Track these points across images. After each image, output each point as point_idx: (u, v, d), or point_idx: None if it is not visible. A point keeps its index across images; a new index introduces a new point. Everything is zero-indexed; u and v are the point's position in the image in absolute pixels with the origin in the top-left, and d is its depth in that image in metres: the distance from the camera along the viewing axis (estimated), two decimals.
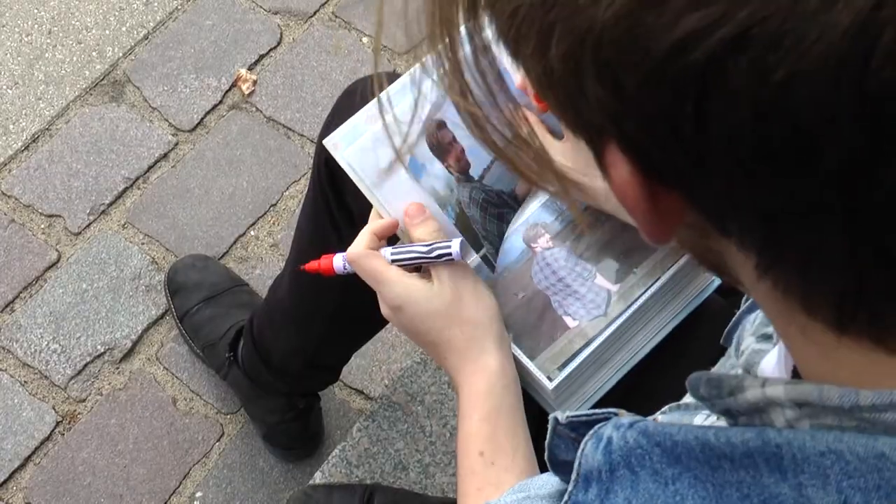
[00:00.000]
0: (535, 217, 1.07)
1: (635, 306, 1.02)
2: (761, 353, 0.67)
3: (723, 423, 0.63)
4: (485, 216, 1.07)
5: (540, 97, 0.46)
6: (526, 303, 1.03)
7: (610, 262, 1.04)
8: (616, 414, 0.67)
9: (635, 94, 0.40)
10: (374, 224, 1.03)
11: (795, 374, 0.55)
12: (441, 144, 1.08)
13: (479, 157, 1.07)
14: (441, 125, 1.08)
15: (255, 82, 2.17)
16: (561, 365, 1.00)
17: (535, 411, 1.01)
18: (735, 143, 0.39)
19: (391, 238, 1.06)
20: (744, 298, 0.88)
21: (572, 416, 0.73)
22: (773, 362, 0.61)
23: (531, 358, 1.01)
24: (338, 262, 1.06)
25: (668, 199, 0.44)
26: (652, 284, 1.03)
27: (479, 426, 0.94)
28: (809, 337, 0.47)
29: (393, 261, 0.99)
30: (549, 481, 0.84)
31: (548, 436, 0.76)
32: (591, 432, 0.60)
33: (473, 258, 1.03)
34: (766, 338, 0.69)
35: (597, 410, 0.69)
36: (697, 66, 0.38)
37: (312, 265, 1.09)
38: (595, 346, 1.01)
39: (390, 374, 1.87)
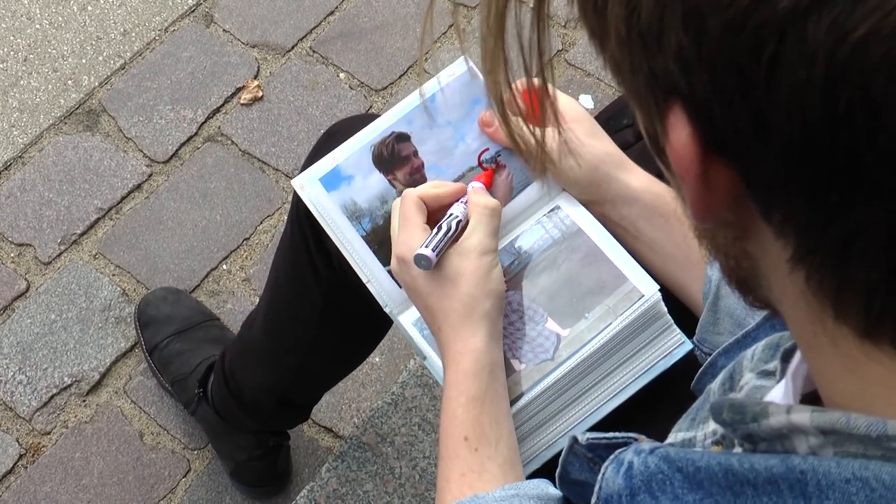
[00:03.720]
0: None
1: (585, 352, 1.01)
2: (763, 389, 0.67)
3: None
4: None
5: (611, 57, 0.47)
6: None
7: (562, 306, 1.03)
8: (636, 439, 0.67)
9: (716, 40, 0.40)
10: (439, 189, 1.04)
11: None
12: (394, 156, 1.10)
13: (438, 174, 1.10)
14: (402, 138, 1.10)
15: (259, 90, 2.17)
16: None
17: None
18: (802, 102, 0.39)
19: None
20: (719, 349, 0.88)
21: (592, 438, 0.74)
22: (777, 397, 0.61)
23: None
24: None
25: (720, 172, 0.45)
26: (603, 330, 1.01)
27: (465, 410, 0.93)
28: (838, 347, 0.47)
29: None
30: (540, 486, 0.85)
31: (563, 453, 0.78)
32: (612, 456, 0.61)
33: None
34: (767, 374, 0.69)
35: (617, 434, 0.72)
36: (781, 15, 0.38)
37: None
38: (538, 391, 1.00)
39: (360, 412, 1.86)
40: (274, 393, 1.53)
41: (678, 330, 1.04)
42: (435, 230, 0.99)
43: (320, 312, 1.33)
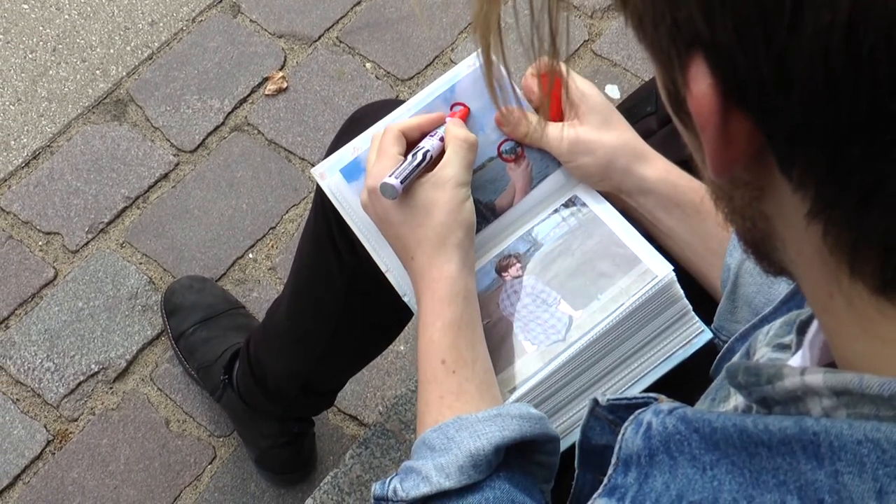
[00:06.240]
0: (509, 249, 1.08)
1: (596, 332, 0.99)
2: (778, 361, 0.67)
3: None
4: None
5: (634, 10, 0.46)
6: (489, 329, 1.03)
7: (575, 288, 1.03)
8: (656, 399, 0.68)
9: None
10: (421, 118, 1.07)
11: None
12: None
13: None
14: None
15: (283, 81, 2.18)
16: (512, 388, 0.99)
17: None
18: (826, 47, 0.39)
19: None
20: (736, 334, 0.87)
21: (612, 399, 0.76)
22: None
23: None
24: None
25: (739, 124, 0.45)
26: (615, 311, 1.00)
27: (441, 334, 0.95)
28: (853, 306, 0.47)
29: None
30: (522, 407, 0.88)
31: (583, 419, 0.79)
32: (631, 417, 0.62)
33: None
34: (783, 347, 0.69)
35: (637, 395, 0.73)
36: None
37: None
38: (548, 371, 0.99)
39: (384, 400, 1.86)
40: (296, 379, 1.54)
41: (697, 319, 1.02)
42: (403, 161, 1.00)
43: (343, 299, 1.33)
